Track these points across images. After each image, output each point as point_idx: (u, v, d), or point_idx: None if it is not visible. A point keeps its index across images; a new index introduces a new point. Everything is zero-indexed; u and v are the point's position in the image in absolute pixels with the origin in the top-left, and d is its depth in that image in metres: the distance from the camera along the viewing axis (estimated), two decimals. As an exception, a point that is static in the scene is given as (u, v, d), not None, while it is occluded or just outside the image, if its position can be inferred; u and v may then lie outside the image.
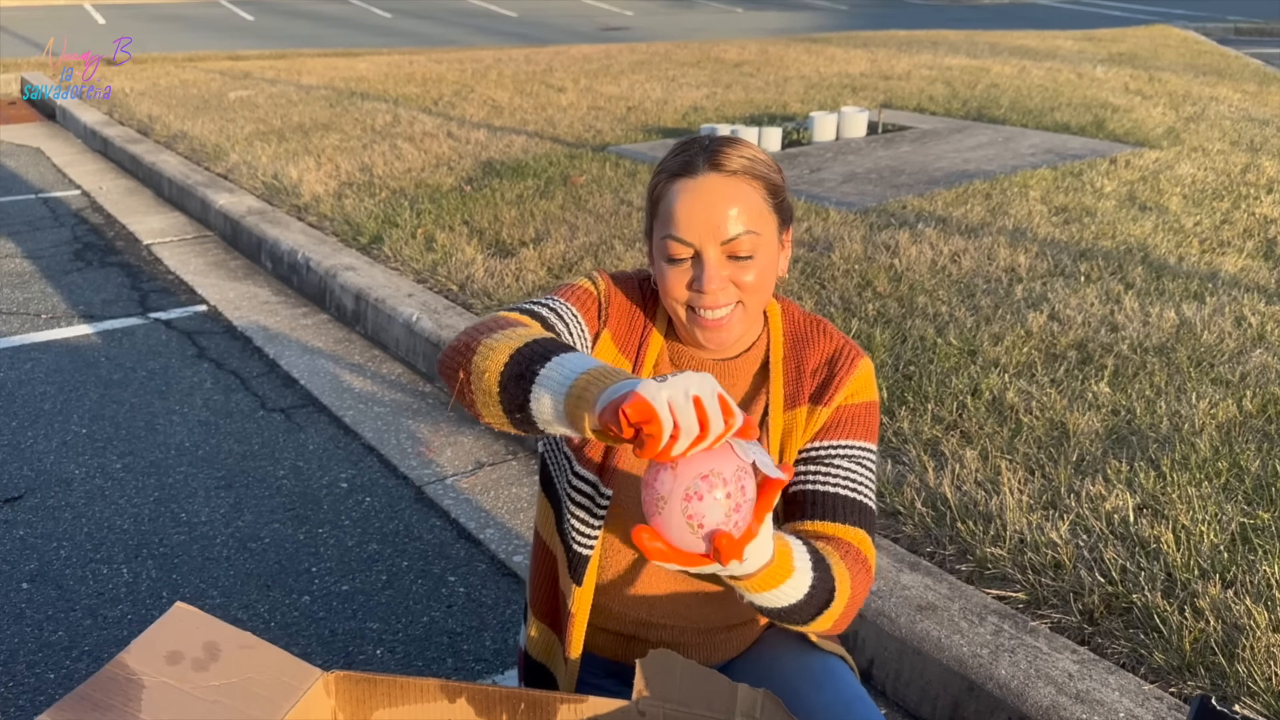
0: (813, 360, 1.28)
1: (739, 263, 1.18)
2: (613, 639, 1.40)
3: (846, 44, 12.75)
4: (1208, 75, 9.75)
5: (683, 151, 1.22)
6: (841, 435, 1.25)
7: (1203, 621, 1.95)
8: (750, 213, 1.18)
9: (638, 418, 0.85)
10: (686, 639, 1.37)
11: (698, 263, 1.19)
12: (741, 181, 1.18)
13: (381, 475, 2.92)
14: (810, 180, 5.47)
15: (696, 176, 1.19)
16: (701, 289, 1.18)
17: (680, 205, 1.18)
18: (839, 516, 1.20)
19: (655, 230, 1.23)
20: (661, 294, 1.24)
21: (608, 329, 1.30)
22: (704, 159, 1.19)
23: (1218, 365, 3.06)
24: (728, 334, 1.21)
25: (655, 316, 1.32)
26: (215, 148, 6.31)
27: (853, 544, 1.17)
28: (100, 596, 2.37)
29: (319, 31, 15.44)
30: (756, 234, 1.18)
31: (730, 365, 1.30)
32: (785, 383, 1.28)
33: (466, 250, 4.22)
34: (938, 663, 1.97)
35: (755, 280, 1.19)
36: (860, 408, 1.26)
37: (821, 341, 1.29)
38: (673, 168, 1.21)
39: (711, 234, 1.17)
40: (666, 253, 1.20)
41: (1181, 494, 2.36)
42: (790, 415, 1.26)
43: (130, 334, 3.95)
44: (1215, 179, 5.39)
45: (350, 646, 2.22)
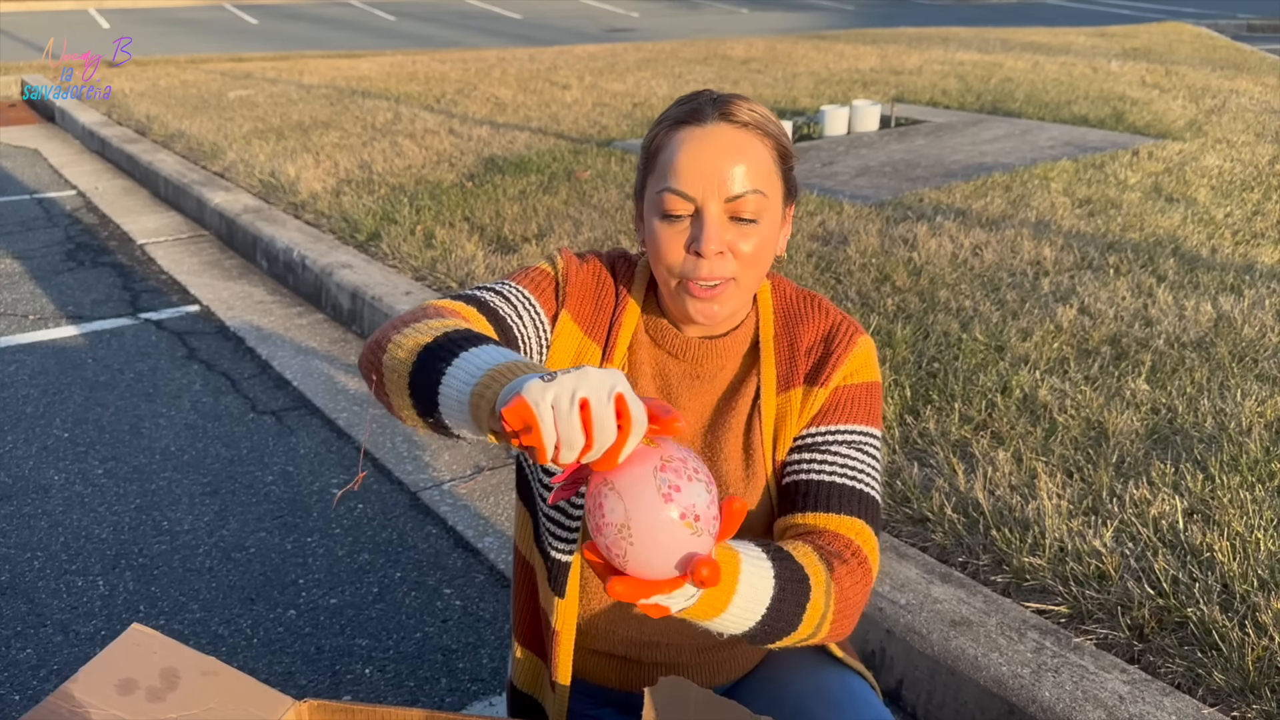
0: (807, 338, 1.15)
1: (741, 226, 1.04)
2: (604, 661, 1.26)
3: (855, 40, 12.59)
4: (1225, 69, 9.56)
5: (689, 101, 1.08)
6: (840, 419, 1.11)
7: (1266, 638, 1.78)
8: (759, 171, 1.05)
9: (516, 423, 0.74)
10: (684, 659, 1.22)
11: (696, 222, 1.04)
12: (753, 136, 1.05)
13: (375, 480, 2.76)
14: (823, 174, 5.31)
15: (705, 125, 1.05)
16: (700, 250, 1.03)
17: (684, 154, 1.04)
18: (834, 507, 1.06)
19: (650, 185, 1.09)
20: (651, 259, 1.09)
21: (566, 309, 1.15)
22: (713, 109, 1.06)
23: (1261, 360, 2.88)
24: (720, 307, 1.06)
25: (632, 289, 1.18)
26: (213, 146, 6.17)
27: (844, 535, 1.04)
28: (73, 610, 2.22)
29: (322, 34, 15.34)
30: (764, 195, 1.05)
31: (716, 344, 1.15)
32: (777, 362, 1.14)
33: (467, 246, 4.06)
34: (974, 683, 1.80)
35: (754, 252, 1.05)
36: (861, 388, 1.13)
37: (816, 317, 1.16)
38: (677, 115, 1.07)
39: (716, 188, 1.03)
40: (662, 208, 1.05)
41: (1233, 498, 2.18)
42: (784, 398, 1.13)
43: (119, 335, 3.80)
44: (1243, 170, 5.21)
45: (337, 665, 2.06)
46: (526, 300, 1.13)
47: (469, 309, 1.07)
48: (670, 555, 0.77)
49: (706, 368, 1.15)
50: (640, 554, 0.77)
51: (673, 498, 0.76)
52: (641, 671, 1.24)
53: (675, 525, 0.76)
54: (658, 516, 0.76)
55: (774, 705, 1.18)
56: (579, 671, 1.28)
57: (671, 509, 0.76)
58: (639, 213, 1.14)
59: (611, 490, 0.76)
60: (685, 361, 1.15)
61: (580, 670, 1.28)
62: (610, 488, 0.77)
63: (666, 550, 0.76)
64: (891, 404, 2.64)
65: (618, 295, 1.18)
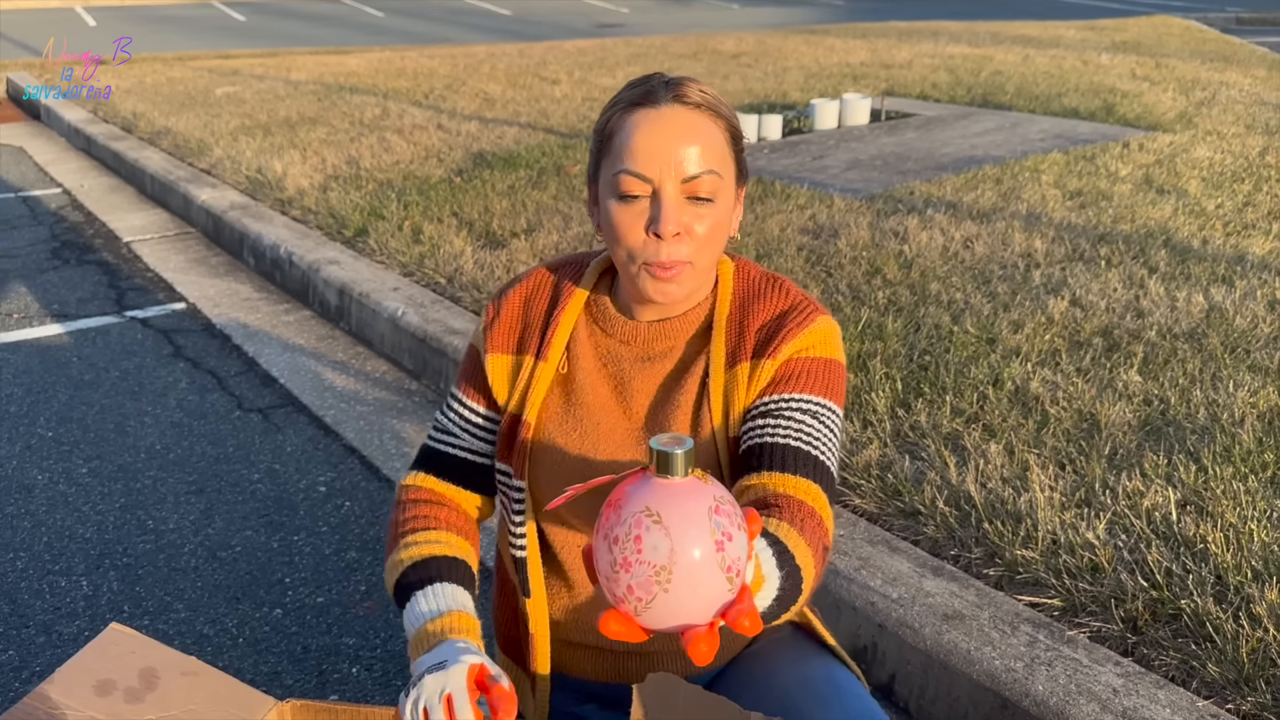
0: (761, 316, 1.14)
1: (697, 207, 1.05)
2: (581, 653, 1.25)
3: (845, 35, 12.57)
4: (1215, 61, 9.56)
5: (641, 84, 1.08)
6: (798, 389, 1.09)
7: (1260, 629, 1.77)
8: (714, 151, 1.05)
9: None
10: (658, 646, 1.21)
11: (654, 203, 1.04)
12: (706, 117, 1.06)
13: (363, 478, 2.74)
14: (813, 167, 5.28)
15: (659, 107, 1.05)
16: (659, 232, 1.03)
17: (639, 136, 1.04)
18: (789, 468, 1.04)
19: (604, 168, 1.08)
20: (609, 242, 1.09)
21: (489, 354, 1.20)
22: (666, 90, 1.06)
23: (1254, 351, 2.87)
24: (678, 287, 1.07)
25: (580, 283, 1.20)
26: (199, 143, 6.13)
27: (806, 503, 1.00)
28: (56, 611, 2.19)
29: (311, 31, 15.28)
30: (719, 175, 1.05)
31: (667, 325, 1.15)
32: (727, 340, 1.14)
33: (455, 242, 4.03)
34: (967, 677, 1.78)
35: (709, 233, 1.05)
36: (818, 362, 1.11)
37: (774, 298, 1.15)
38: (630, 98, 1.07)
39: (673, 169, 1.03)
40: (619, 189, 1.05)
41: (1226, 489, 2.17)
42: (730, 374, 1.12)
43: (105, 333, 3.77)
44: (1234, 162, 5.21)
45: (324, 664, 2.04)
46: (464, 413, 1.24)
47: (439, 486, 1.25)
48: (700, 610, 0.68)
49: (658, 348, 1.16)
50: (669, 603, 0.67)
51: (724, 547, 0.67)
52: (618, 661, 1.23)
53: (719, 579, 0.67)
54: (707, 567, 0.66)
55: (760, 700, 1.16)
56: (558, 666, 1.27)
57: (722, 559, 0.67)
58: (592, 196, 1.14)
59: (658, 525, 0.66)
60: (636, 345, 1.16)
61: (559, 664, 1.27)
62: (656, 521, 0.66)
63: (701, 604, 0.68)
64: (882, 397, 2.63)
65: (556, 297, 1.20)
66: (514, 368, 1.19)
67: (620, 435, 1.14)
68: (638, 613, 0.69)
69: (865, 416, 2.56)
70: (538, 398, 1.16)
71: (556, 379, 1.17)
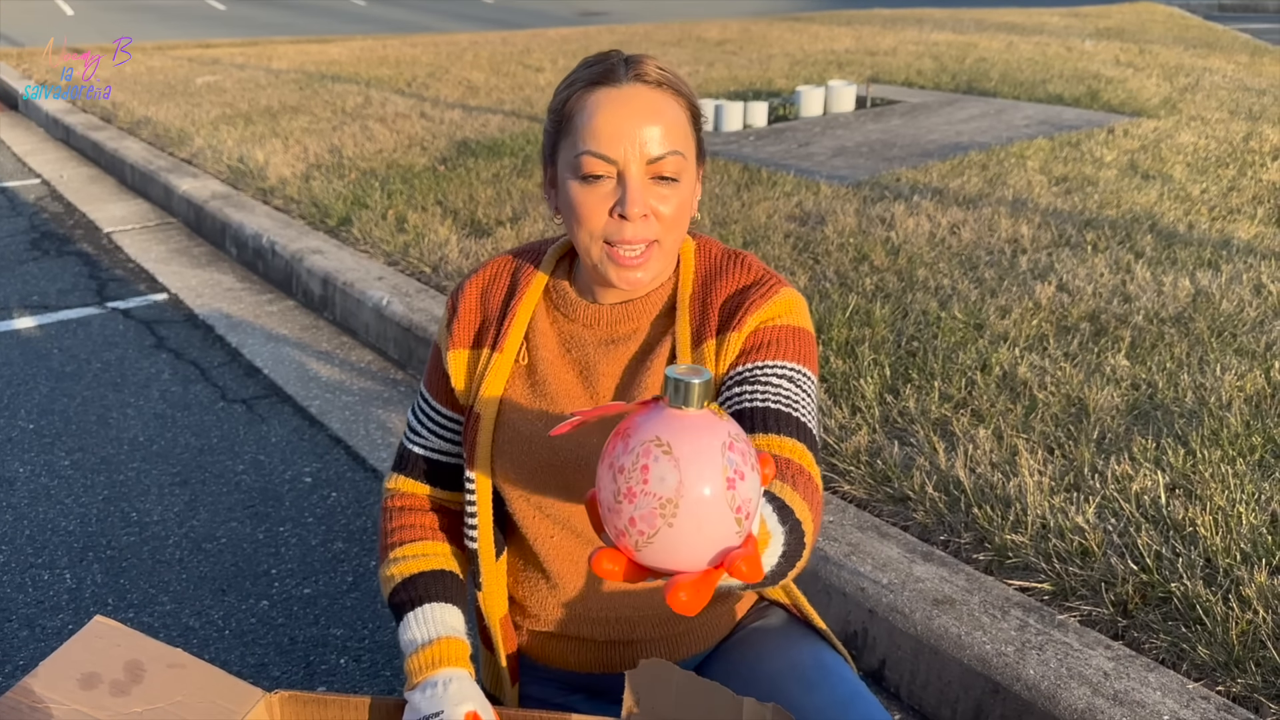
0: (723, 293, 1.12)
1: (661, 187, 1.03)
2: (564, 645, 1.24)
3: (830, 22, 12.55)
4: (1198, 48, 9.59)
5: (599, 62, 1.05)
6: (771, 356, 1.07)
7: (1250, 612, 1.77)
8: (677, 131, 1.04)
9: None
10: (640, 633, 1.20)
11: (620, 185, 1.02)
12: (668, 95, 1.04)
13: (349, 468, 2.71)
14: (799, 154, 5.27)
15: (620, 86, 1.02)
16: (625, 213, 1.01)
17: (601, 116, 1.01)
18: (772, 429, 1.02)
19: (564, 149, 1.06)
20: (570, 225, 1.06)
21: (450, 350, 1.19)
22: (626, 69, 1.04)
23: (1240, 335, 2.88)
24: (644, 273, 1.05)
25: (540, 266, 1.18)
26: (180, 133, 6.07)
27: (794, 460, 0.99)
28: (39, 605, 2.16)
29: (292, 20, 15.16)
30: (683, 156, 1.04)
31: (629, 308, 1.13)
32: (691, 319, 1.12)
33: (440, 231, 4.00)
34: (958, 662, 1.78)
35: (674, 213, 1.04)
36: (786, 329, 1.09)
37: (737, 273, 1.13)
38: (589, 77, 1.04)
39: (638, 150, 1.01)
40: (581, 170, 1.03)
41: (1215, 472, 2.17)
42: (698, 352, 1.10)
43: (86, 324, 3.73)
44: (1218, 147, 5.22)
45: (311, 655, 2.02)
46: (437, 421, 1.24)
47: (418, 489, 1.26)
48: (704, 551, 0.64)
49: (621, 330, 1.14)
50: (672, 539, 0.64)
51: (735, 485, 0.64)
52: (599, 650, 1.22)
53: (727, 519, 0.64)
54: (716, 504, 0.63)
55: (749, 686, 1.15)
56: (541, 658, 1.26)
57: (732, 497, 0.63)
58: (549, 179, 1.11)
59: (667, 456, 0.63)
60: (599, 328, 1.14)
61: (542, 657, 1.25)
62: (665, 451, 0.63)
63: (704, 543, 0.64)
64: (870, 383, 2.62)
65: (513, 286, 1.18)
66: (472, 362, 1.18)
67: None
68: (638, 548, 0.65)
69: (854, 403, 2.55)
70: (493, 390, 1.14)
71: (518, 370, 1.15)
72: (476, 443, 1.14)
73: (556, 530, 1.15)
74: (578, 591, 1.17)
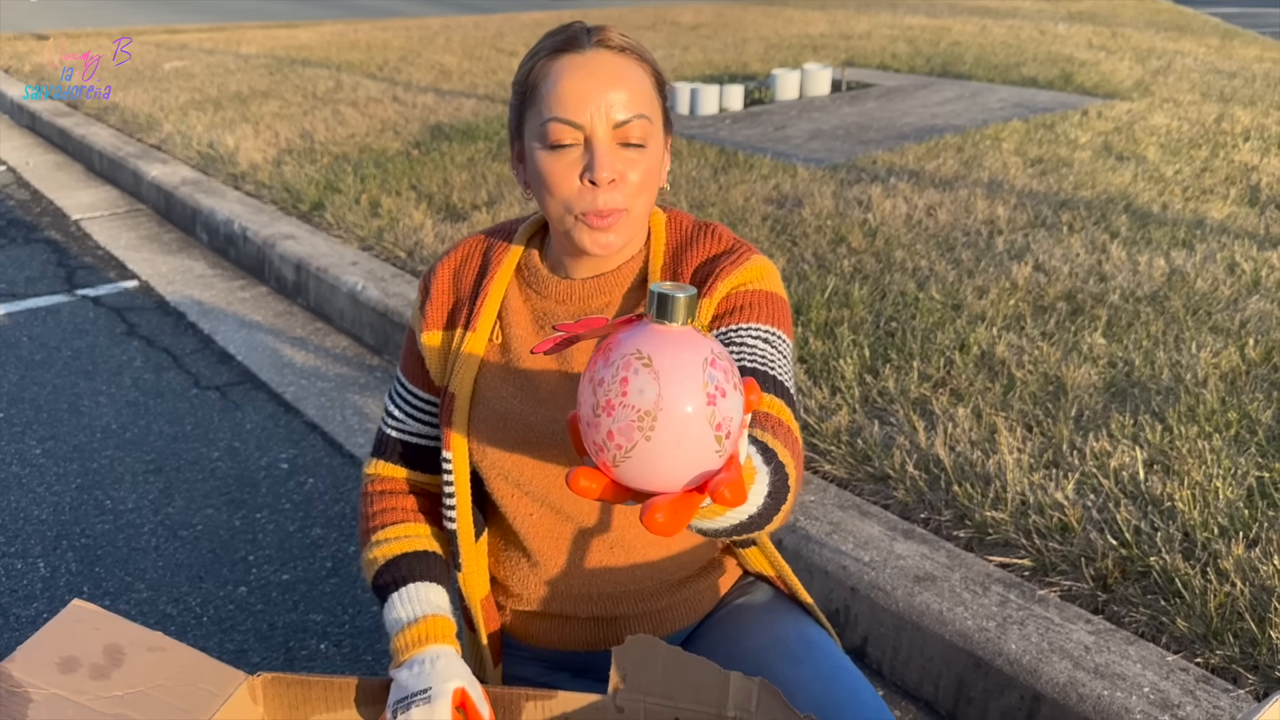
0: (694, 262, 1.12)
1: (629, 153, 1.02)
2: (547, 624, 1.23)
3: (804, 5, 12.53)
4: (1169, 31, 9.65)
5: (561, 32, 1.05)
6: (745, 319, 1.07)
7: (1228, 584, 1.78)
8: (642, 95, 1.03)
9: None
10: (624, 609, 1.19)
11: (586, 151, 1.01)
12: (632, 60, 1.04)
13: (325, 455, 2.69)
14: (776, 138, 5.26)
15: (584, 52, 1.02)
16: (594, 179, 1.00)
17: (566, 82, 1.01)
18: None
19: (530, 119, 1.05)
20: (540, 195, 1.06)
21: (423, 334, 1.18)
22: (588, 36, 1.03)
23: (1215, 313, 2.90)
24: (615, 236, 1.04)
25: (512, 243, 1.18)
26: (148, 119, 5.98)
27: (773, 414, 0.98)
28: (13, 594, 2.13)
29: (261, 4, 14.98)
30: (649, 120, 1.03)
31: (601, 281, 1.12)
32: None
33: (415, 215, 3.97)
34: (939, 638, 1.79)
35: (642, 179, 1.03)
36: (759, 294, 1.09)
37: (707, 243, 1.13)
38: (553, 45, 1.04)
39: (604, 114, 1.00)
40: (548, 139, 1.02)
41: (1191, 448, 2.19)
42: None
43: (55, 312, 3.67)
44: (1190, 128, 5.26)
45: (291, 641, 2.00)
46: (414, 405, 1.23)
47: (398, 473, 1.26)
48: (683, 469, 0.63)
49: (594, 304, 1.13)
50: (650, 454, 0.62)
51: (716, 401, 0.62)
52: (583, 628, 1.21)
53: (707, 436, 0.62)
54: (694, 418, 0.62)
55: (734, 660, 1.15)
56: (525, 638, 1.25)
57: (712, 414, 0.62)
58: (516, 153, 1.11)
59: (647, 368, 0.62)
60: (572, 303, 1.13)
61: (526, 636, 1.25)
62: (645, 364, 0.62)
63: (684, 460, 0.62)
64: (850, 364, 2.62)
65: (485, 266, 1.17)
66: (445, 343, 1.17)
67: (563, 396, 1.11)
68: (615, 463, 0.63)
69: (834, 383, 2.55)
70: (468, 369, 1.14)
71: (491, 349, 1.15)
72: (452, 422, 1.14)
73: (536, 508, 1.14)
74: (560, 569, 1.16)
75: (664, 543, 1.16)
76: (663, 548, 1.17)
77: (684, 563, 1.19)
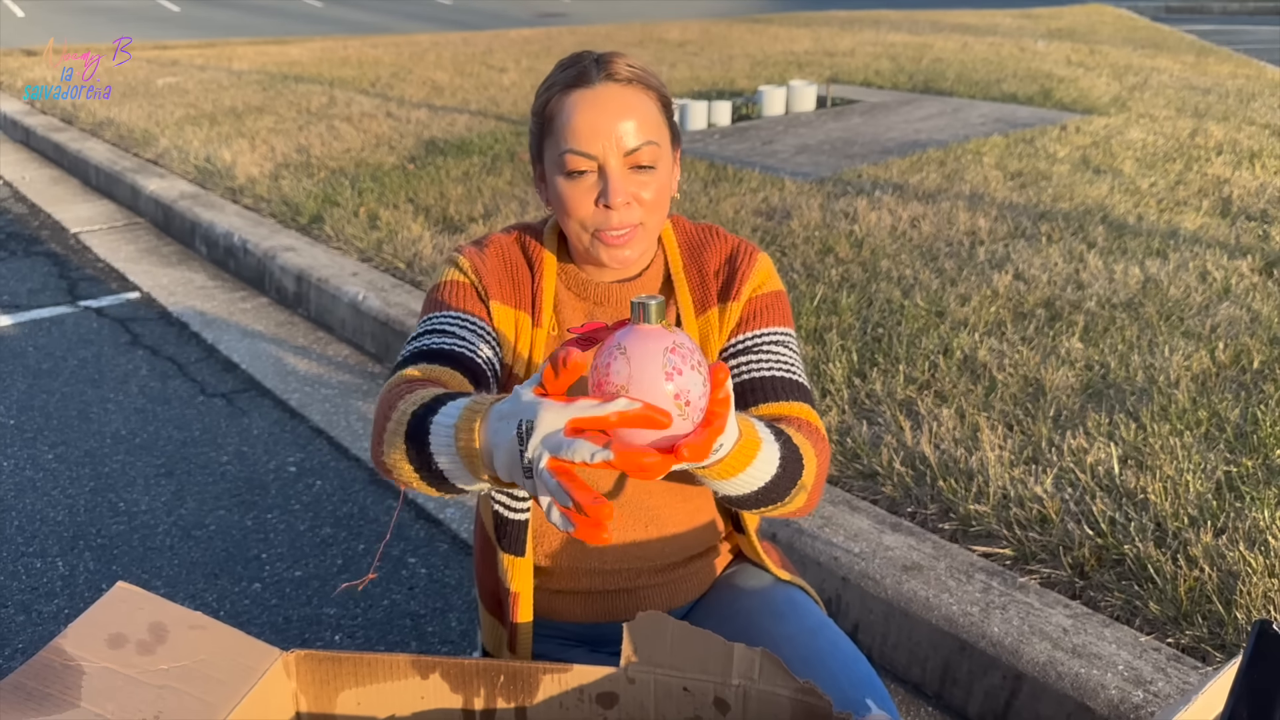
0: (713, 262, 1.25)
1: (640, 175, 1.13)
2: (568, 600, 1.31)
3: (789, 24, 12.70)
4: (1146, 48, 9.84)
5: (572, 65, 1.16)
6: (765, 324, 1.23)
7: (1197, 570, 1.89)
8: (649, 122, 1.14)
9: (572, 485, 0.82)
10: (642, 581, 1.29)
11: (601, 177, 1.13)
12: (638, 90, 1.15)
13: (332, 458, 2.77)
14: (763, 152, 5.38)
15: (594, 86, 1.13)
16: (609, 204, 1.12)
17: (579, 117, 1.12)
18: (784, 396, 1.16)
19: (549, 149, 1.16)
20: (560, 216, 1.17)
21: (492, 300, 1.23)
22: (597, 69, 1.14)
23: (1187, 319, 3.02)
24: (631, 250, 1.15)
25: (545, 247, 1.26)
26: (144, 133, 6.06)
27: (801, 417, 1.14)
28: (34, 591, 2.21)
29: (248, 21, 15.06)
30: (656, 144, 1.14)
31: (634, 285, 1.24)
32: (691, 289, 1.24)
33: (413, 227, 4.06)
34: (926, 623, 1.88)
35: (655, 197, 1.14)
36: (771, 296, 1.24)
37: (717, 244, 1.27)
38: (565, 80, 1.14)
39: (615, 145, 1.11)
40: (565, 168, 1.13)
41: (1164, 444, 2.30)
42: (704, 319, 1.23)
43: (59, 323, 3.74)
44: (1165, 143, 5.40)
45: (306, 633, 2.08)
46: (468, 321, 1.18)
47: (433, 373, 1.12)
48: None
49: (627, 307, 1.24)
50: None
51: (673, 378, 0.81)
52: (604, 601, 1.30)
53: (668, 402, 0.81)
54: (655, 389, 0.81)
55: (727, 621, 1.26)
56: (544, 613, 1.33)
57: (669, 386, 0.81)
58: (538, 174, 1.21)
59: (623, 355, 0.82)
60: (609, 306, 1.24)
61: (544, 612, 1.33)
62: (622, 352, 0.82)
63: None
64: (839, 367, 2.72)
65: (532, 263, 1.25)
66: (514, 323, 1.24)
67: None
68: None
69: (824, 386, 2.65)
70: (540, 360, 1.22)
71: (552, 341, 1.24)
72: None
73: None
74: (593, 549, 1.26)
75: (689, 516, 1.27)
76: (686, 522, 1.27)
77: (701, 537, 1.29)
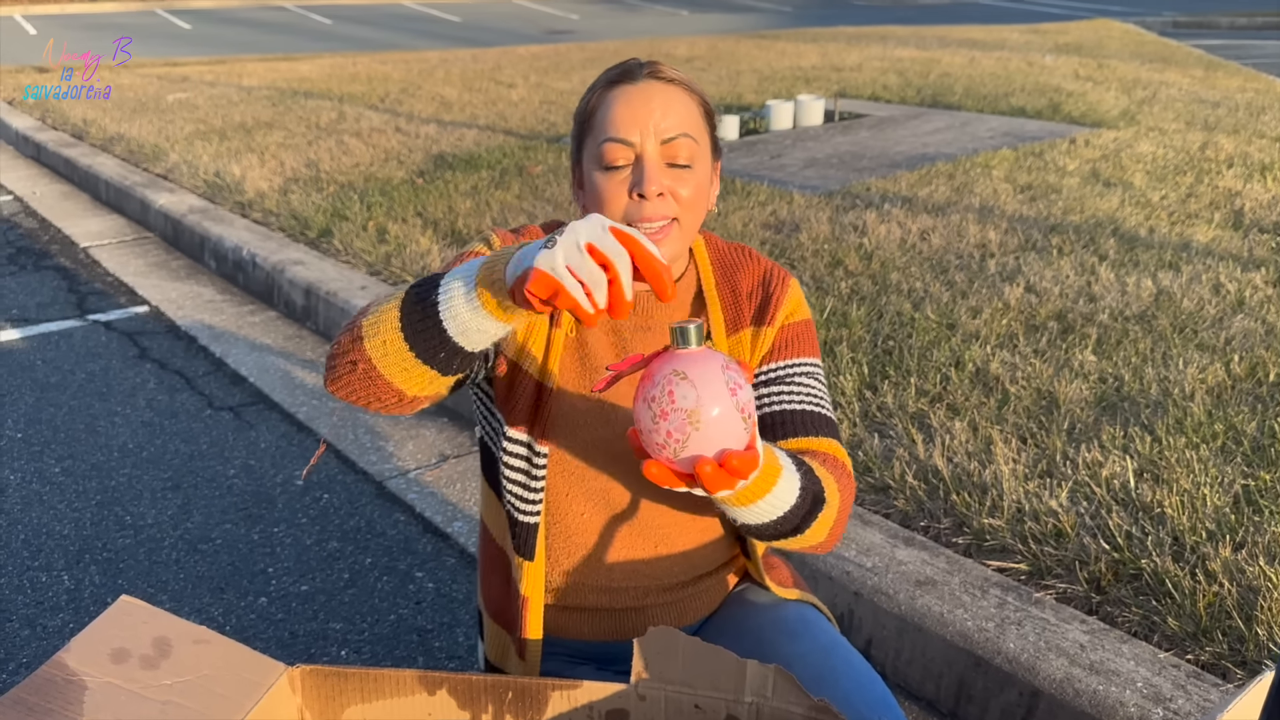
0: (746, 283, 1.25)
1: (677, 172, 1.12)
2: (576, 616, 1.28)
3: (796, 39, 12.73)
4: (1154, 62, 9.84)
5: (618, 66, 1.17)
6: (794, 354, 1.22)
7: (1216, 585, 1.86)
8: (689, 118, 1.14)
9: (544, 293, 0.82)
10: (650, 600, 1.26)
11: (637, 167, 1.12)
12: (681, 90, 1.15)
13: (339, 471, 2.76)
14: (772, 166, 5.38)
15: (637, 82, 1.14)
16: (643, 192, 1.10)
17: (619, 107, 1.12)
18: (812, 431, 1.16)
19: (588, 145, 1.16)
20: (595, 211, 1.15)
21: None
22: (642, 69, 1.15)
23: (1201, 331, 2.99)
24: (666, 249, 1.14)
25: None
26: (154, 149, 6.08)
27: (828, 454, 1.14)
28: (39, 605, 2.19)
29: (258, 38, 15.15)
30: (695, 140, 1.13)
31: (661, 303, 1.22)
32: (723, 307, 1.23)
33: (421, 241, 4.06)
34: (940, 639, 1.86)
35: (691, 196, 1.13)
36: (802, 325, 1.25)
37: (750, 265, 1.26)
38: (609, 78, 1.16)
39: (652, 130, 1.11)
40: (603, 160, 1.12)
41: (1180, 457, 2.27)
42: (735, 339, 1.22)
43: (68, 336, 3.74)
44: (1175, 156, 5.39)
45: (313, 648, 2.06)
46: None
47: None
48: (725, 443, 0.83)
49: (656, 319, 1.22)
50: (700, 440, 0.83)
51: (737, 392, 0.83)
52: (613, 619, 1.27)
53: (736, 417, 0.83)
54: (725, 406, 0.82)
55: (738, 639, 1.23)
56: (556, 631, 1.30)
57: (736, 401, 0.83)
58: (576, 180, 1.20)
59: (684, 380, 0.83)
60: (635, 315, 1.22)
61: (553, 629, 1.30)
62: (683, 378, 0.83)
63: (724, 438, 0.83)
64: (850, 379, 2.70)
65: None
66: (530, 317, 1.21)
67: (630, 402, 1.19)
68: (676, 455, 0.84)
69: (834, 398, 2.63)
70: (554, 361, 1.19)
71: (569, 342, 1.22)
72: (544, 418, 1.17)
73: (589, 507, 1.20)
74: (605, 564, 1.23)
75: (699, 535, 1.24)
76: (696, 539, 1.24)
77: (710, 556, 1.27)
